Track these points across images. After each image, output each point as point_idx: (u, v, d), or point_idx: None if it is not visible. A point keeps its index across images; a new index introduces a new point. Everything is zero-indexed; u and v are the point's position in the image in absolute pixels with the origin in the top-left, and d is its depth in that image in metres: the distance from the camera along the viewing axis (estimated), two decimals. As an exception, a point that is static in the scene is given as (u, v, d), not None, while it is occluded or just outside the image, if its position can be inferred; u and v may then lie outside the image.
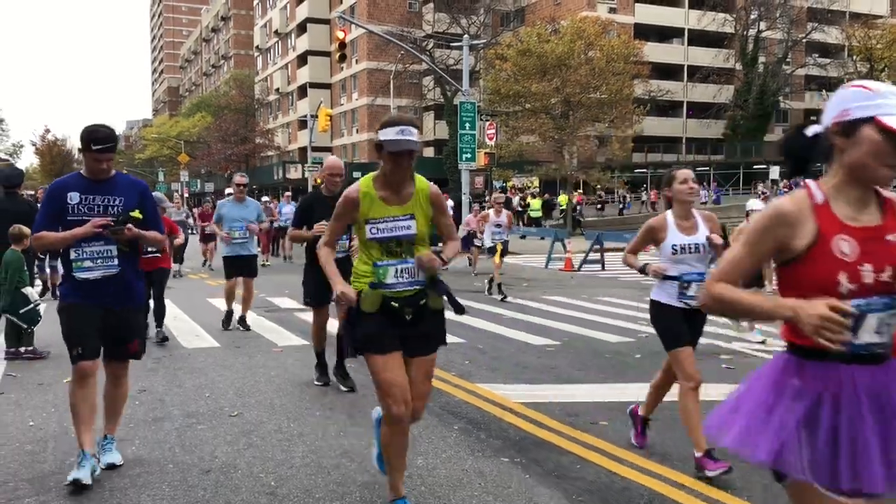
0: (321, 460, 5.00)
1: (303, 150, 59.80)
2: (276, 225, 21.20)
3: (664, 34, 57.30)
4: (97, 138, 4.43)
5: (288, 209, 20.19)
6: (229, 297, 10.38)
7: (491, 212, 14.63)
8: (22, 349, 8.30)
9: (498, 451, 5.23)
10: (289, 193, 22.87)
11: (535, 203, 37.28)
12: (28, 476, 4.73)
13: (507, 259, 15.28)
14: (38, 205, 18.80)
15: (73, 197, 4.49)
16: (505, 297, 13.53)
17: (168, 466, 4.89)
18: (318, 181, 17.05)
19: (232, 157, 63.13)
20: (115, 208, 4.53)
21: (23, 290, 8.15)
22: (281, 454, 5.12)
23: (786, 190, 37.40)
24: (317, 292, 6.99)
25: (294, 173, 54.00)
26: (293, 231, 7.10)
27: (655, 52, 51.71)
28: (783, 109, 58.44)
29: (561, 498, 4.40)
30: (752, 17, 52.06)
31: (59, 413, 6.12)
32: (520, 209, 36.58)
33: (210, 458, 5.03)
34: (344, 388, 6.96)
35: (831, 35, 55.31)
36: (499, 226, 14.27)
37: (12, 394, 6.78)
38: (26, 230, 8.65)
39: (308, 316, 9.13)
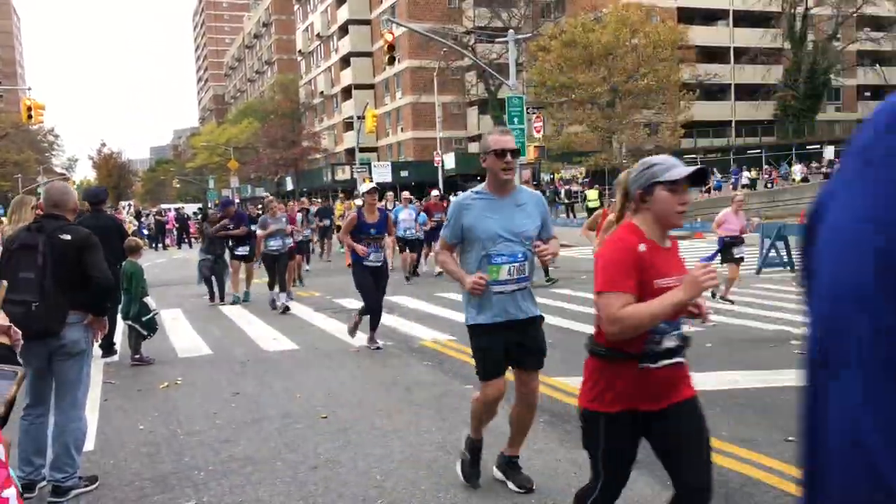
0: (419, 454, 5.27)
1: (350, 151, 60.52)
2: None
3: (708, 16, 56.46)
4: None
5: (406, 214, 17.13)
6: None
7: None
8: (137, 356, 8.83)
9: (586, 442, 5.43)
10: (407, 195, 18.37)
11: (592, 194, 37.10)
12: (150, 475, 5.10)
13: (562, 251, 15.50)
14: (123, 221, 19.09)
15: None
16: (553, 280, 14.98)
17: (276, 464, 5.20)
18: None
19: (280, 162, 64.14)
20: None
21: (144, 299, 8.63)
22: (380, 450, 5.40)
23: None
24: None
25: (342, 175, 54.68)
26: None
27: (700, 35, 51.06)
28: (835, 87, 57.15)
29: (654, 484, 4.58)
30: (800, -7, 51.10)
31: (163, 417, 6.51)
32: (566, 201, 36.47)
33: (314, 455, 5.33)
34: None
35: (884, 7, 53.87)
36: None
37: (117, 400, 7.20)
38: (141, 242, 9.24)
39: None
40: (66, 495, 4.69)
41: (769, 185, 42.29)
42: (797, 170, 43.40)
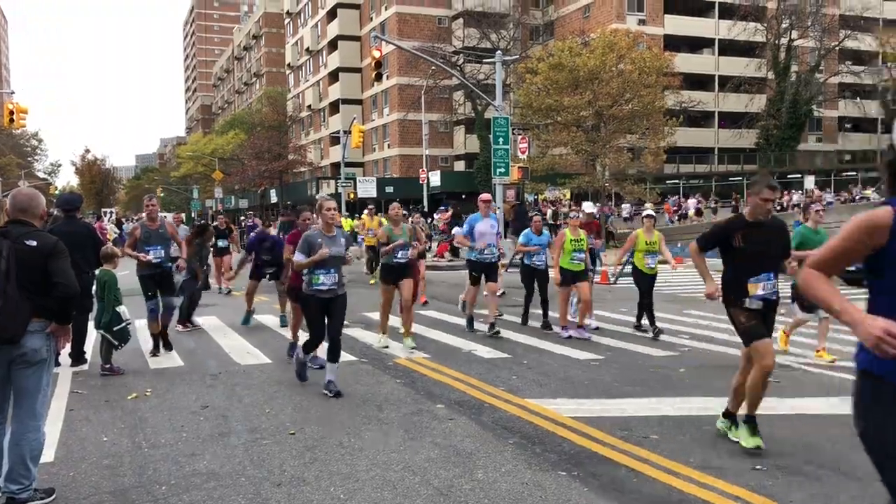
0: (385, 474, 5.20)
1: (335, 165, 60.47)
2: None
3: (695, 44, 57.17)
4: None
5: (486, 226, 11.47)
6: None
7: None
8: (107, 366, 8.69)
9: (554, 465, 5.39)
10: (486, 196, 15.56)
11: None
12: (110, 489, 4.99)
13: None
14: (105, 229, 18.36)
15: None
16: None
17: (240, 480, 5.11)
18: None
19: (265, 174, 63.94)
20: None
21: (117, 308, 8.46)
22: (346, 468, 5.33)
23: (817, 202, 37.06)
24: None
25: (327, 189, 54.61)
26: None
27: (686, 62, 51.62)
28: (817, 118, 57.98)
29: None
30: (784, 25, 51.79)
31: (128, 429, 6.40)
32: (551, 222, 36.63)
33: (279, 472, 5.25)
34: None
35: (864, 42, 54.79)
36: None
37: (83, 410, 7.07)
38: (117, 250, 9.04)
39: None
40: (21, 507, 4.58)
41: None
42: (692, 204, 45.21)
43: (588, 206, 14.15)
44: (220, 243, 17.38)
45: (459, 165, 61.56)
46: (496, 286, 11.92)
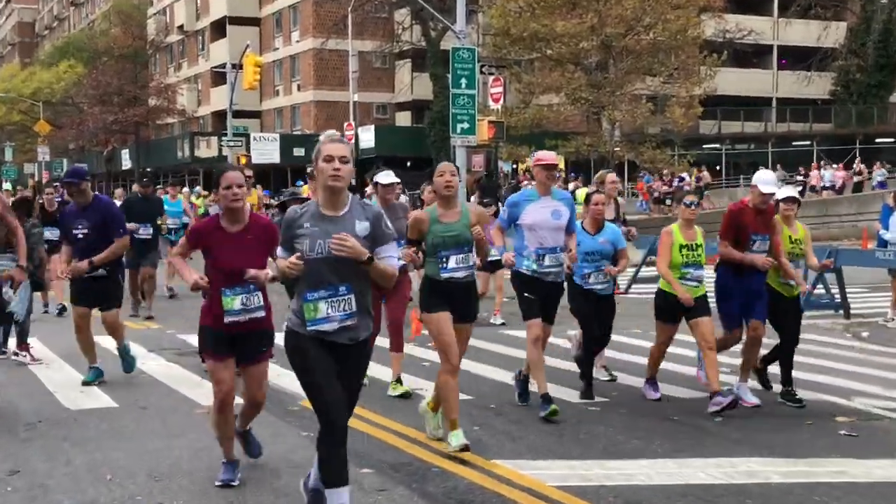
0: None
1: (218, 115, 59.90)
2: None
3: (744, -51, 57.94)
4: None
5: None
6: None
7: None
8: None
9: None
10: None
11: (581, 195, 37.33)
12: None
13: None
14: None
15: None
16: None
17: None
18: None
19: (114, 127, 63.04)
20: None
21: None
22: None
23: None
24: None
25: (207, 150, 54.05)
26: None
27: (732, -27, 52.25)
28: (917, 57, 59.12)
29: None
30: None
31: None
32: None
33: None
34: None
35: None
36: None
37: None
38: None
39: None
40: None
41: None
42: (828, 176, 44.40)
43: (769, 180, 9.85)
44: (49, 233, 16.49)
45: (403, 118, 61.45)
46: (547, 331, 9.43)
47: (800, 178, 45.49)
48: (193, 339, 13.57)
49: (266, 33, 66.67)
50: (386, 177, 9.75)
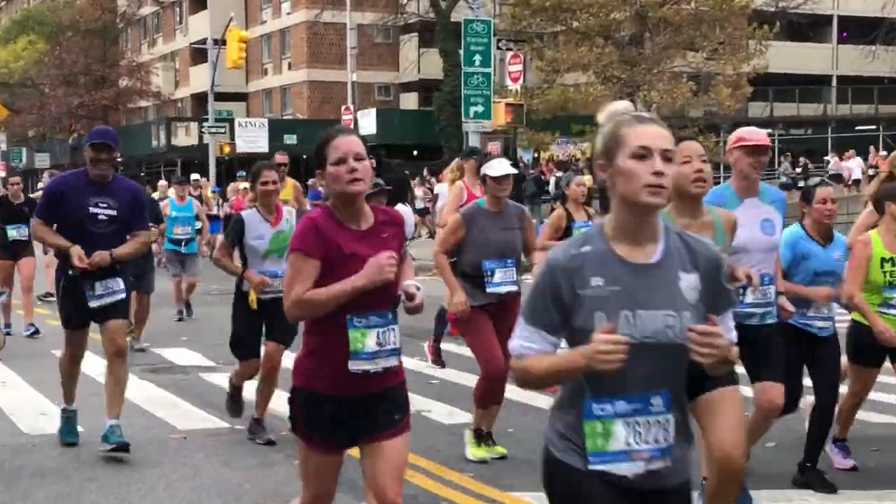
0: None
1: (198, 98, 60.01)
2: None
3: None
4: None
5: None
6: None
7: None
8: None
9: None
10: None
11: (587, 180, 37.19)
12: None
13: (530, 280, 15.53)
14: None
15: None
16: None
17: None
18: None
19: (80, 111, 63.12)
20: None
21: None
22: None
23: None
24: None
25: (185, 137, 54.08)
26: None
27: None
28: None
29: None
30: None
31: None
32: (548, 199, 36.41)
33: None
34: None
35: None
36: None
37: None
38: None
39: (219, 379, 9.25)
40: None
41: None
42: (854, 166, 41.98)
43: None
44: (13, 231, 15.72)
45: (409, 100, 61.46)
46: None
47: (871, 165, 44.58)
48: (171, 353, 13.65)
49: (252, 4, 66.27)
50: (499, 166, 8.13)
